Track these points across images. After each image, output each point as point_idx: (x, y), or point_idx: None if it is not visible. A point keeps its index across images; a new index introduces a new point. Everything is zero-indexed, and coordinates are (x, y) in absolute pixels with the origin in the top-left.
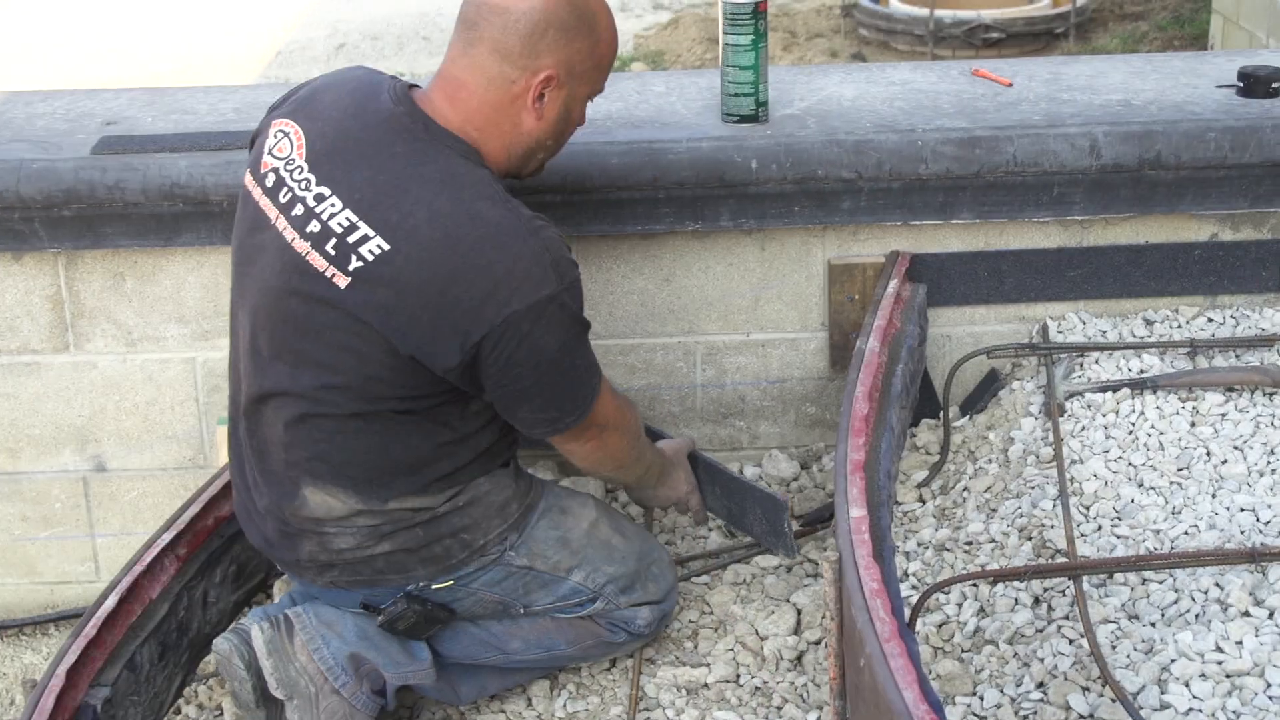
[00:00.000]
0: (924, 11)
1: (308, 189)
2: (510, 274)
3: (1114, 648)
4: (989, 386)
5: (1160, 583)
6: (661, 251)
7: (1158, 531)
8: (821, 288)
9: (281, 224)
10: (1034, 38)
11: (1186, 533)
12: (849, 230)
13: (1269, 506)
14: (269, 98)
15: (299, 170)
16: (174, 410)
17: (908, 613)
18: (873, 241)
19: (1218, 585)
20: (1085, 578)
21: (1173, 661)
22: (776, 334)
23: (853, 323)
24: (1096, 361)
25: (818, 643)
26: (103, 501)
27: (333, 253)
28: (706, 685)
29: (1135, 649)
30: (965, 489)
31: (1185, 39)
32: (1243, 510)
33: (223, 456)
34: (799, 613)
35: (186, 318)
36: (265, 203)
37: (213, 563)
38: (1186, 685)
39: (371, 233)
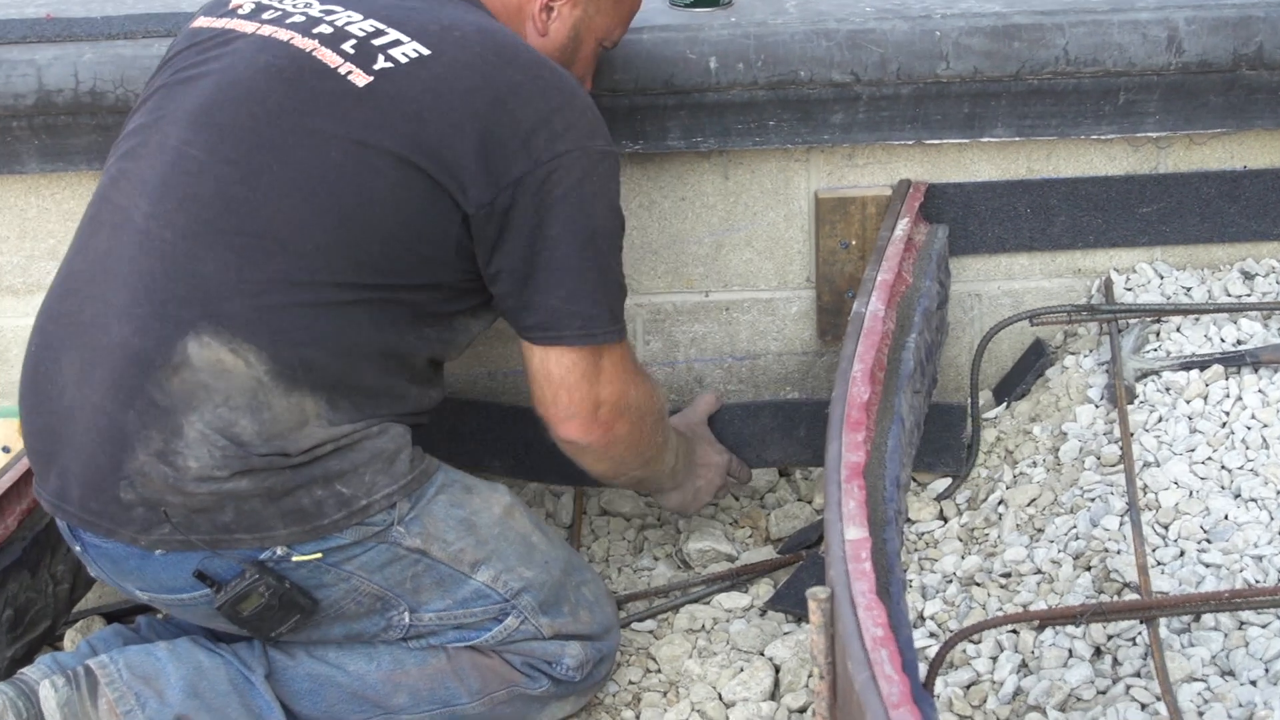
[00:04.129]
0: None
1: (309, 7)
2: (568, 107)
3: (1201, 715)
4: (1033, 363)
5: (1264, 627)
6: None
7: (1260, 558)
8: (806, 230)
9: (267, 30)
10: None
11: None
12: (842, 152)
13: None
14: None
15: (296, 2)
16: None
17: (924, 669)
18: (875, 167)
19: None
20: (1163, 621)
21: None
22: (745, 293)
23: (848, 277)
24: (1178, 329)
25: (802, 710)
26: None
27: (351, 51)
28: None
29: (1230, 716)
30: (1001, 502)
31: None
32: None
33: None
34: (777, 670)
35: None
36: (235, 24)
37: None
38: None
39: (405, 38)
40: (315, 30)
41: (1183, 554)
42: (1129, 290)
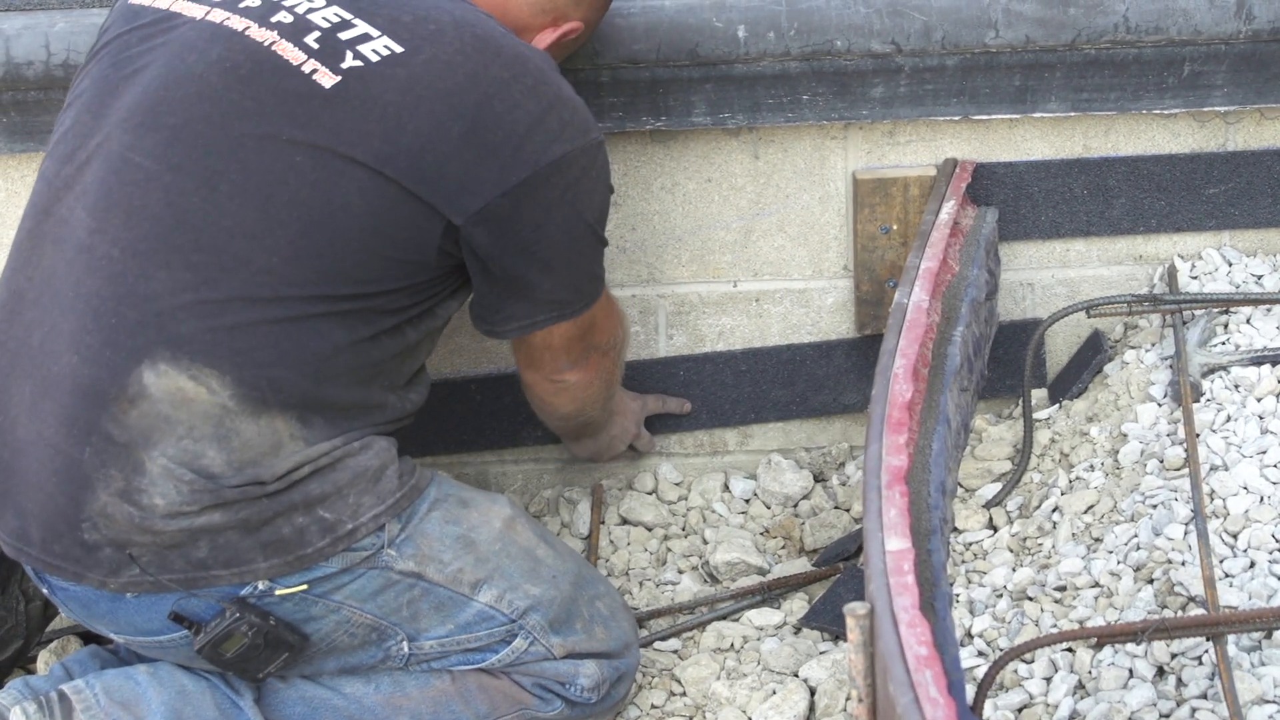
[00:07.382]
0: None
1: None
2: (559, 103)
3: None
4: (1090, 358)
5: None
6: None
7: None
8: (843, 214)
9: (218, 15)
10: None
11: None
12: (883, 129)
13: None
14: None
15: None
16: None
17: (972, 691)
18: (918, 145)
19: None
20: (1231, 638)
21: None
22: (777, 282)
23: (889, 265)
24: (1248, 320)
25: None
26: None
27: (315, 46)
28: None
29: None
30: (1056, 509)
31: None
32: None
33: None
34: (812, 693)
35: None
36: (180, 5)
37: None
38: None
39: (375, 31)
40: (274, 19)
41: (1253, 565)
42: (1194, 279)
